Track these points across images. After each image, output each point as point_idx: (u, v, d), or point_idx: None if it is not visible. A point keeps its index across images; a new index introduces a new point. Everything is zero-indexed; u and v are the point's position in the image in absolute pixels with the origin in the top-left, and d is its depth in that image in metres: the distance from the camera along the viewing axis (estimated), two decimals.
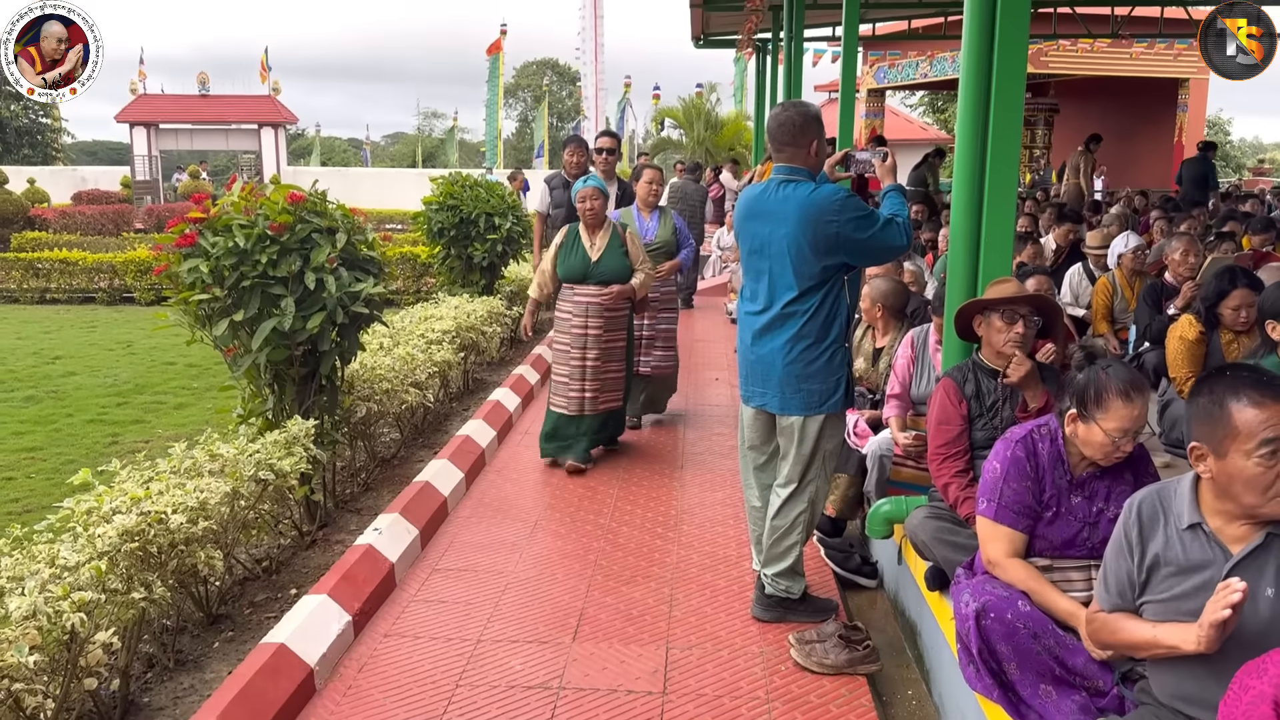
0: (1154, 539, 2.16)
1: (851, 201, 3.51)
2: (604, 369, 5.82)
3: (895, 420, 4.34)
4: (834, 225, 3.48)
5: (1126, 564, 2.20)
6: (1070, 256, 8.21)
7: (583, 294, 5.76)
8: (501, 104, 37.38)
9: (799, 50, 11.28)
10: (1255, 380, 2.04)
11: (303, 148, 51.83)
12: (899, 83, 22.99)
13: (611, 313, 5.82)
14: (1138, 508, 2.21)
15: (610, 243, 5.76)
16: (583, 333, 5.75)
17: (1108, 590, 2.27)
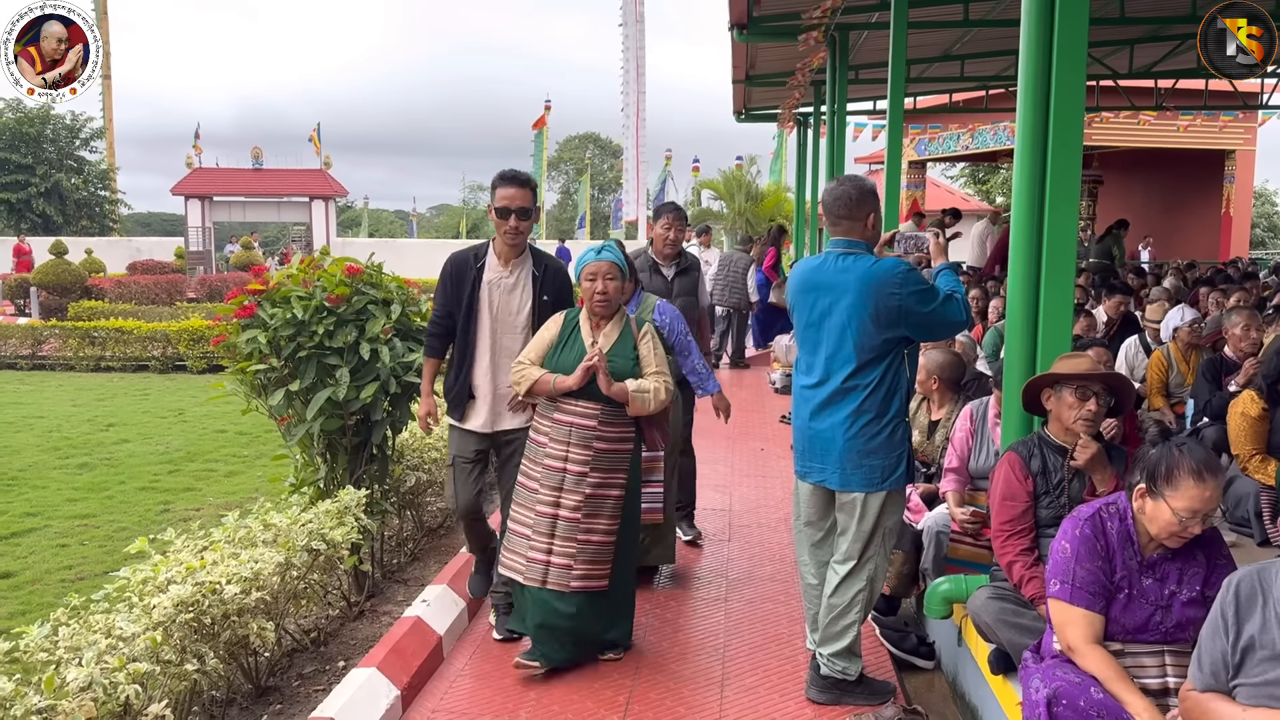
0: (1251, 619, 2.08)
1: (913, 275, 3.51)
2: (585, 526, 3.96)
3: (953, 495, 4.25)
4: (896, 298, 3.47)
5: (1221, 643, 2.12)
6: (1122, 328, 8.11)
7: (570, 411, 3.97)
8: (545, 177, 38.07)
9: (842, 123, 11.39)
10: None
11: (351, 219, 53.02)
12: (940, 155, 23.12)
13: (607, 443, 3.99)
14: (1236, 586, 2.13)
15: (620, 341, 4.04)
16: (560, 468, 3.96)
17: (1201, 669, 2.19)
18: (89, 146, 41.91)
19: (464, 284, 4.23)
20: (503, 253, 4.26)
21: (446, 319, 4.28)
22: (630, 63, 35.50)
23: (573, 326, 4.08)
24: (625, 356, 4.00)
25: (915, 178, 23.17)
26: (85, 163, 41.68)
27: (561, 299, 4.30)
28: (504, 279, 4.24)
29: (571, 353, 3.98)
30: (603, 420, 3.96)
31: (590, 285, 4.05)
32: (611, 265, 4.03)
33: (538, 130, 38.20)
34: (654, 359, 4.03)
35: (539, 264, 4.31)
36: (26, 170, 38.72)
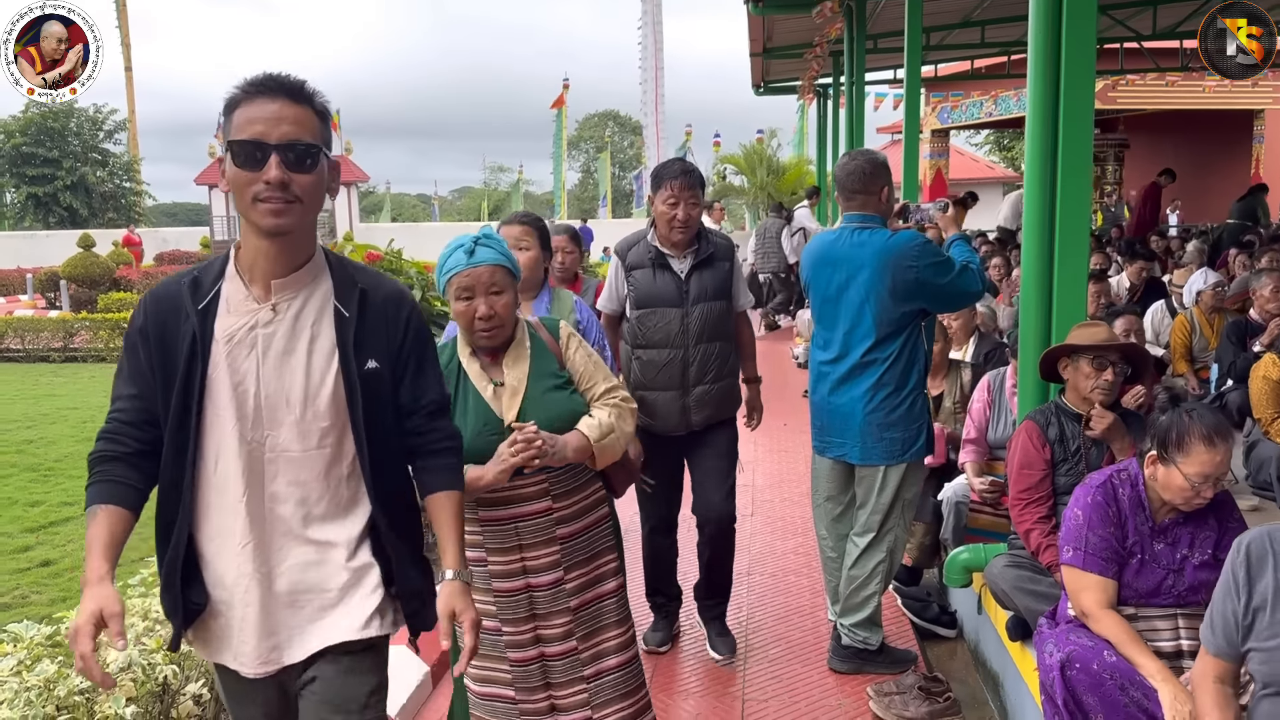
0: (1262, 579, 2.10)
1: (930, 247, 3.55)
2: (591, 652, 2.75)
3: (971, 466, 4.27)
4: (914, 270, 3.50)
5: (1233, 604, 2.13)
6: (1147, 293, 8.06)
7: (504, 501, 2.64)
8: (565, 156, 38.05)
9: (861, 94, 11.31)
10: None
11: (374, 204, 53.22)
12: (963, 123, 22.86)
13: (574, 522, 2.72)
14: (1247, 547, 2.14)
15: (537, 368, 2.68)
16: (521, 587, 2.67)
17: (1213, 632, 2.21)
18: (112, 139, 42.29)
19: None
20: None
21: None
22: (648, 39, 35.35)
23: (455, 372, 2.63)
24: (554, 388, 2.64)
25: (938, 146, 22.93)
26: (110, 155, 42.07)
27: None
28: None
29: (468, 414, 2.57)
30: (558, 495, 2.63)
31: (465, 307, 2.55)
32: (494, 271, 2.55)
33: (557, 110, 38.13)
34: (593, 368, 2.74)
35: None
36: (52, 164, 39.14)
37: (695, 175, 3.72)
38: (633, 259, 3.82)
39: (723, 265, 3.82)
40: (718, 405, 3.84)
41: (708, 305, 3.75)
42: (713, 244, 3.82)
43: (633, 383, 3.80)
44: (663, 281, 3.76)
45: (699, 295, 3.74)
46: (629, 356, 3.87)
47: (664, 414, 3.78)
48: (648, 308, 3.77)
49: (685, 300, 3.74)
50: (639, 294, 3.79)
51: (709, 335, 3.75)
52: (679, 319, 3.75)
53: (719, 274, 3.79)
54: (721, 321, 3.80)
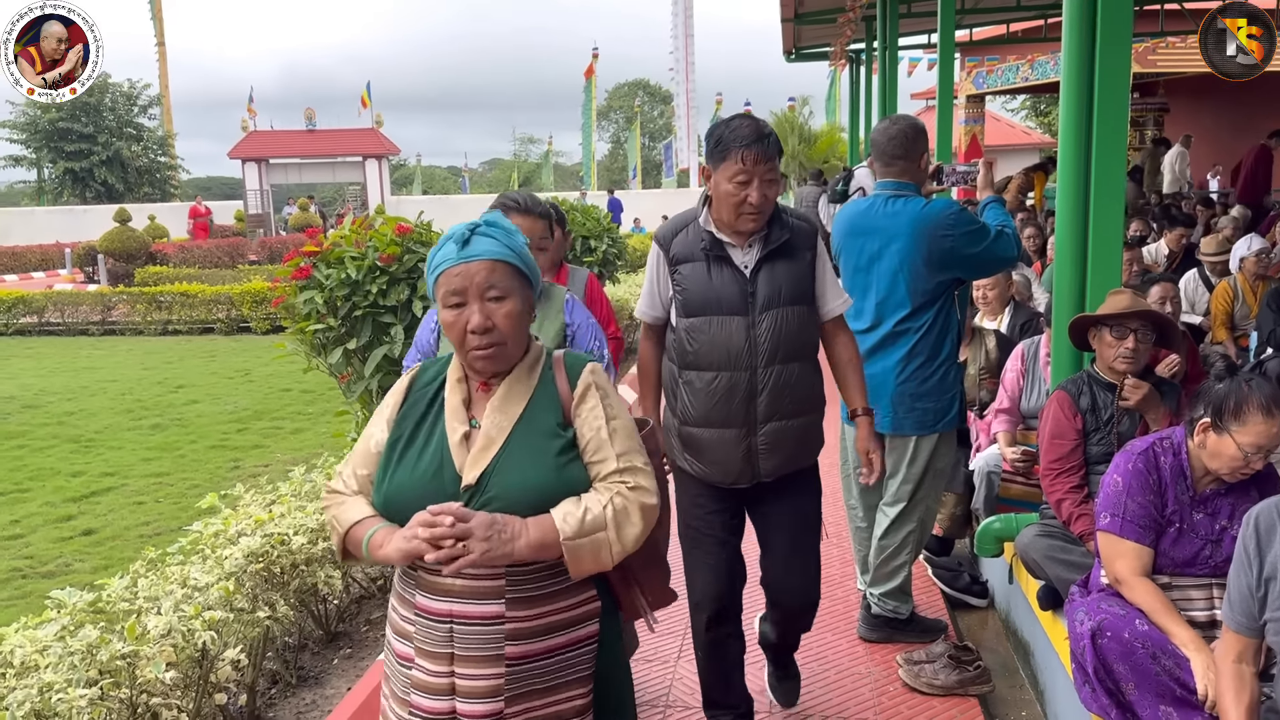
0: (1271, 550, 2.09)
1: (965, 215, 3.50)
2: None
3: (1004, 435, 4.24)
4: (949, 240, 3.45)
5: (1246, 578, 2.12)
6: (1185, 261, 7.92)
7: (444, 590, 1.86)
8: (594, 127, 37.89)
9: (894, 60, 11.16)
10: None
11: (405, 177, 53.40)
12: (999, 88, 22.47)
13: (531, 639, 1.87)
14: (1256, 519, 2.14)
15: (530, 419, 1.92)
16: (446, 711, 1.87)
17: (1232, 609, 2.20)
18: (146, 114, 42.63)
19: None
20: None
21: None
22: (678, 5, 35.01)
23: (430, 396, 1.98)
24: (545, 448, 1.88)
25: (974, 112, 22.53)
26: (144, 130, 42.42)
27: None
28: None
29: (421, 460, 1.89)
30: (516, 600, 1.85)
31: (454, 317, 1.88)
32: (493, 268, 1.87)
33: (586, 79, 37.95)
34: (606, 437, 1.92)
35: None
36: (88, 139, 39.54)
37: (773, 142, 2.73)
38: (680, 249, 2.88)
39: (803, 256, 2.87)
40: (795, 449, 2.93)
41: (782, 311, 2.82)
42: (788, 226, 2.84)
43: (679, 415, 2.94)
44: (721, 280, 2.82)
45: (770, 298, 2.82)
46: (673, 379, 2.95)
47: (721, 459, 2.88)
48: (700, 315, 2.83)
49: (751, 305, 2.81)
50: (689, 296, 2.86)
51: (785, 353, 2.83)
52: (743, 331, 2.80)
53: (798, 268, 2.86)
54: (802, 333, 2.87)
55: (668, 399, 3.02)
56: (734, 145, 2.71)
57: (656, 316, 3.00)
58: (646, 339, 3.06)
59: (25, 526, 5.99)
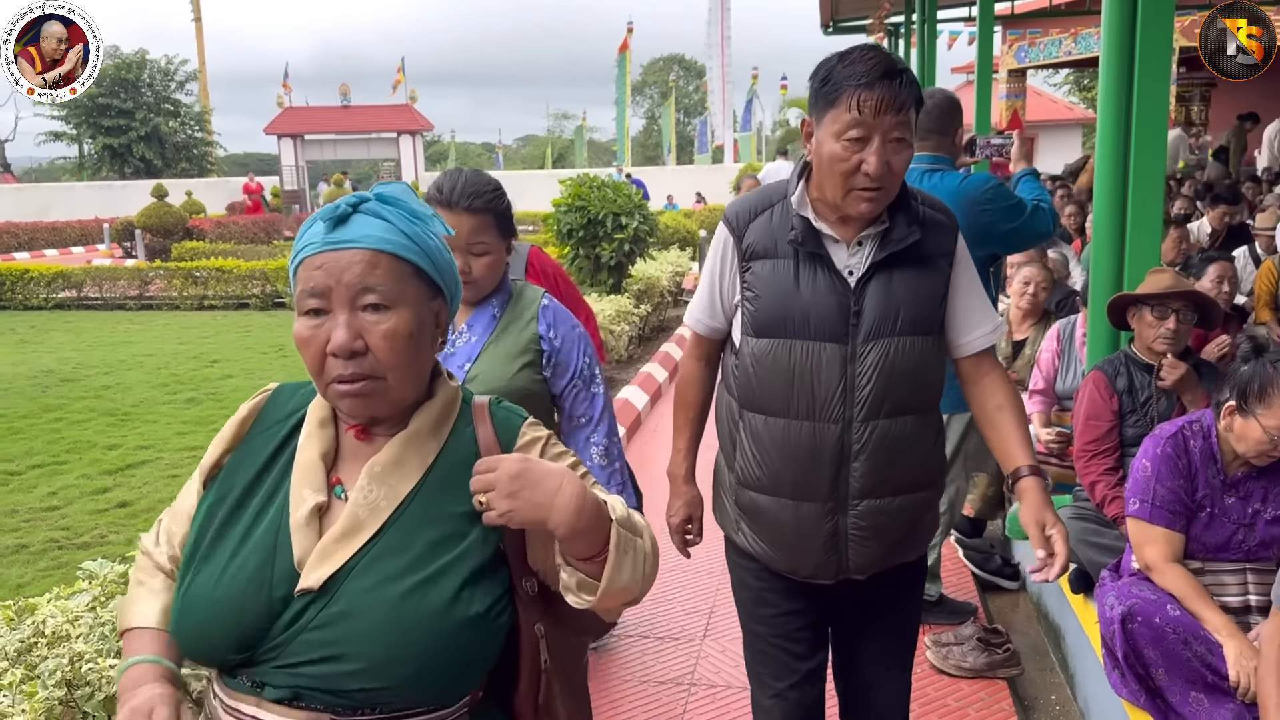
0: None
1: (1003, 189, 3.42)
2: None
3: (1038, 416, 4.18)
4: (988, 214, 3.36)
5: None
6: (1229, 239, 7.74)
7: None
8: (629, 102, 37.71)
9: (933, 33, 10.98)
10: None
11: (439, 153, 53.53)
12: (1041, 62, 22.07)
13: None
14: None
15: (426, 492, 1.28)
16: None
17: None
18: (184, 89, 43.02)
19: None
20: None
21: None
22: None
23: (280, 440, 1.36)
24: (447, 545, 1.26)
25: (1015, 87, 22.14)
26: (181, 105, 42.83)
27: None
28: None
29: (243, 546, 1.28)
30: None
31: (310, 331, 1.26)
32: (374, 261, 1.26)
33: (621, 55, 37.73)
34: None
35: None
36: (127, 115, 39.98)
37: (907, 85, 1.90)
38: (758, 237, 2.05)
39: (938, 264, 2.05)
40: (901, 538, 2.13)
41: (899, 342, 2.00)
42: (920, 219, 2.03)
43: (737, 472, 2.14)
44: (813, 288, 2.00)
45: (882, 321, 1.99)
46: (732, 421, 2.16)
47: (793, 543, 2.11)
48: (776, 336, 2.02)
49: (854, 329, 1.99)
50: (762, 307, 2.03)
51: (896, 402, 2.02)
52: (837, 365, 1.99)
53: (929, 280, 2.04)
54: (922, 373, 2.04)
55: (724, 448, 2.21)
56: (848, 85, 1.85)
57: (714, 328, 2.17)
58: (694, 357, 2.24)
59: (62, 499, 6.09)
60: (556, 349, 2.33)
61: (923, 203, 2.08)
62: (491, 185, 2.31)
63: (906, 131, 1.91)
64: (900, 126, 1.88)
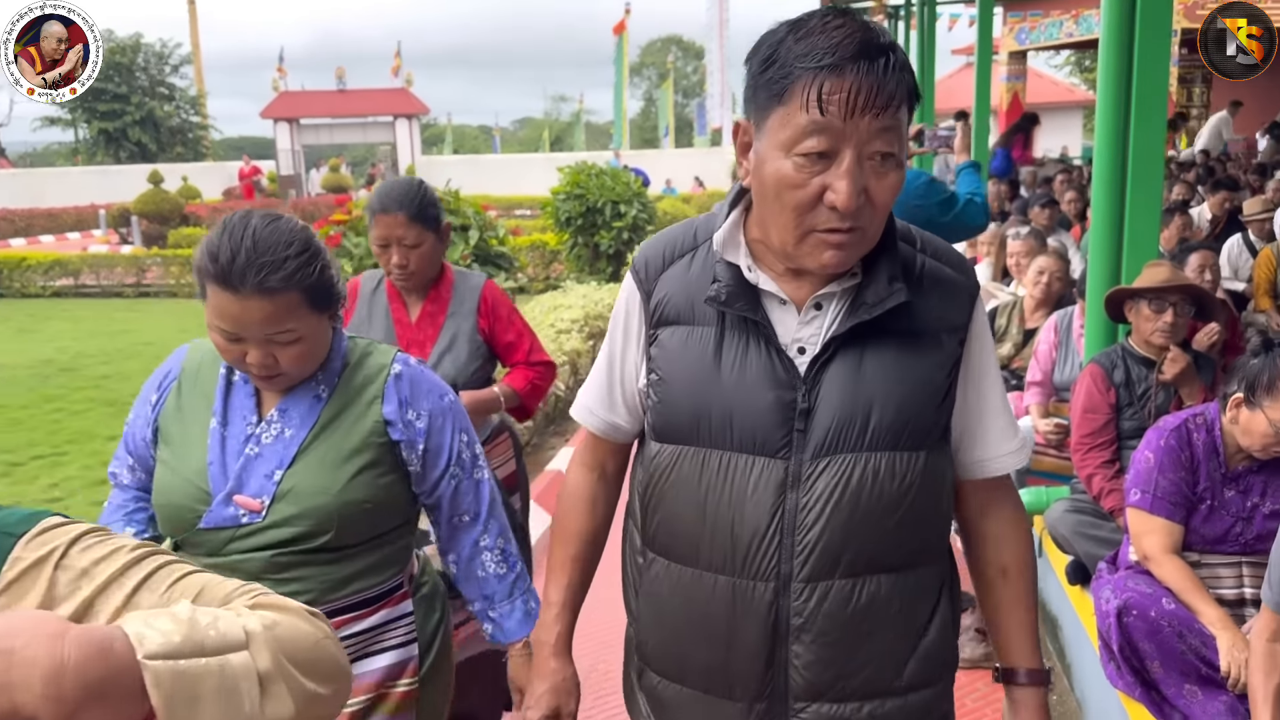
0: None
1: (936, 185, 3.60)
2: None
3: (1036, 408, 4.18)
4: (923, 210, 3.52)
5: None
6: (1229, 226, 7.74)
7: None
8: (626, 84, 37.57)
9: (932, 15, 10.95)
10: None
11: (435, 136, 53.39)
12: (1042, 43, 21.99)
13: None
14: None
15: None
16: None
17: (1270, 586, 2.17)
18: (178, 73, 42.84)
19: None
20: None
21: None
22: None
23: None
24: None
25: (1016, 69, 22.08)
26: (175, 89, 42.64)
27: None
28: None
29: None
30: None
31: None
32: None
33: (618, 36, 37.54)
34: None
35: None
36: (121, 99, 39.80)
37: (898, 71, 1.23)
38: (671, 294, 1.43)
39: (939, 341, 1.39)
40: None
41: (869, 460, 1.34)
42: (915, 270, 1.40)
43: (639, 644, 1.55)
44: (740, 370, 1.36)
45: (843, 424, 1.34)
46: (635, 564, 1.54)
47: None
48: (683, 444, 1.41)
49: (798, 436, 1.34)
50: (666, 397, 1.42)
51: (858, 552, 1.36)
52: (772, 490, 1.35)
53: (923, 365, 1.38)
54: (908, 509, 1.36)
55: (626, 600, 1.57)
56: (803, 69, 1.21)
57: (613, 426, 1.54)
58: (583, 465, 1.61)
59: (64, 490, 6.10)
60: (419, 433, 1.76)
61: (923, 249, 1.41)
62: (295, 247, 1.59)
63: (894, 141, 1.24)
64: (886, 134, 1.23)
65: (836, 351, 1.34)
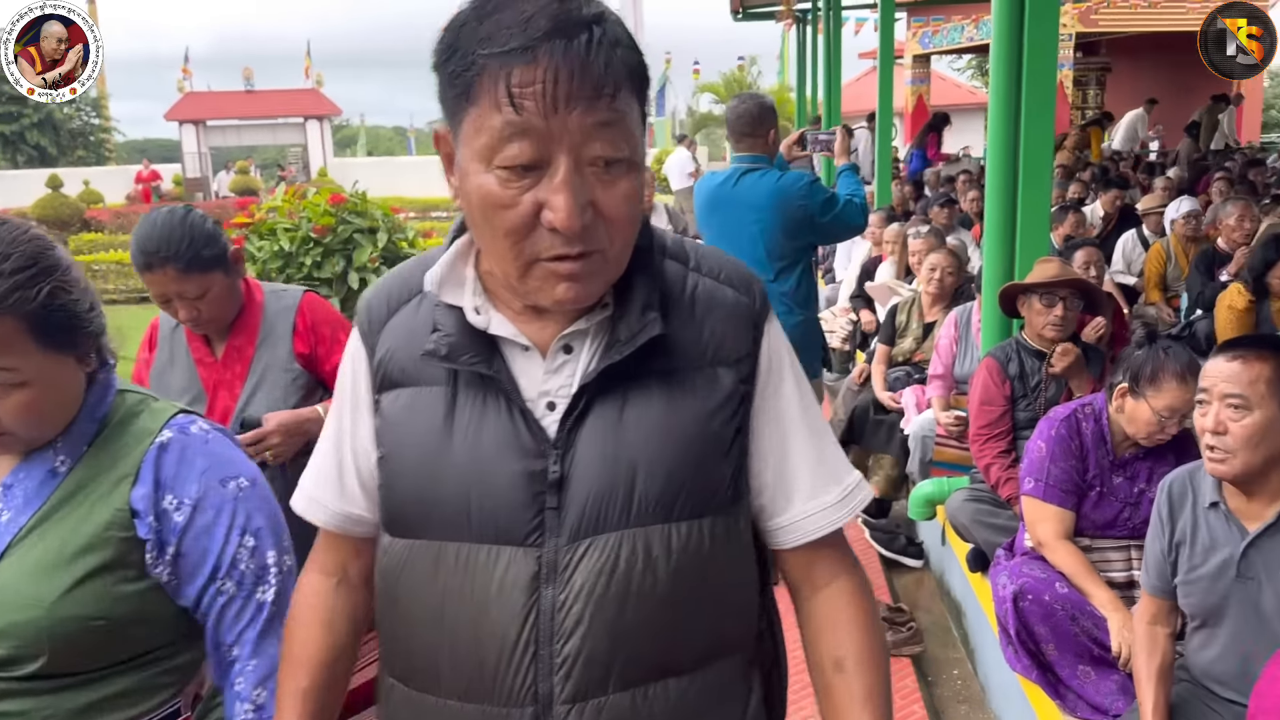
0: (1181, 517, 2.17)
1: (817, 185, 3.84)
2: None
3: (938, 400, 4.30)
4: (805, 209, 3.76)
5: (1160, 544, 2.20)
6: (1121, 222, 8.05)
7: None
8: None
9: (837, 20, 11.15)
10: None
11: (348, 138, 52.44)
12: (944, 47, 22.57)
13: None
14: (1169, 486, 2.22)
15: None
16: None
17: (1148, 572, 2.28)
18: None
19: None
20: None
21: None
22: None
23: None
24: None
25: (920, 73, 22.64)
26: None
27: None
28: None
29: None
30: None
31: None
32: None
33: None
34: None
35: None
36: (18, 101, 38.03)
37: (609, 48, 0.97)
38: (396, 347, 1.14)
39: (719, 378, 1.11)
40: None
41: (637, 538, 1.06)
42: (683, 285, 1.14)
43: None
44: (475, 439, 1.08)
45: (604, 494, 1.06)
46: (382, 693, 1.21)
47: None
48: (413, 536, 1.11)
49: (550, 516, 1.06)
50: (391, 477, 1.13)
51: (633, 658, 1.07)
52: (522, 588, 1.06)
53: (703, 405, 1.10)
54: (699, 597, 1.09)
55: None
56: (488, 57, 0.97)
57: (344, 517, 1.22)
58: (317, 569, 1.26)
59: None
60: (173, 530, 1.33)
61: (697, 266, 1.15)
62: (12, 261, 1.26)
63: (620, 139, 0.99)
64: (606, 131, 0.98)
65: (591, 403, 1.06)
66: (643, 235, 1.09)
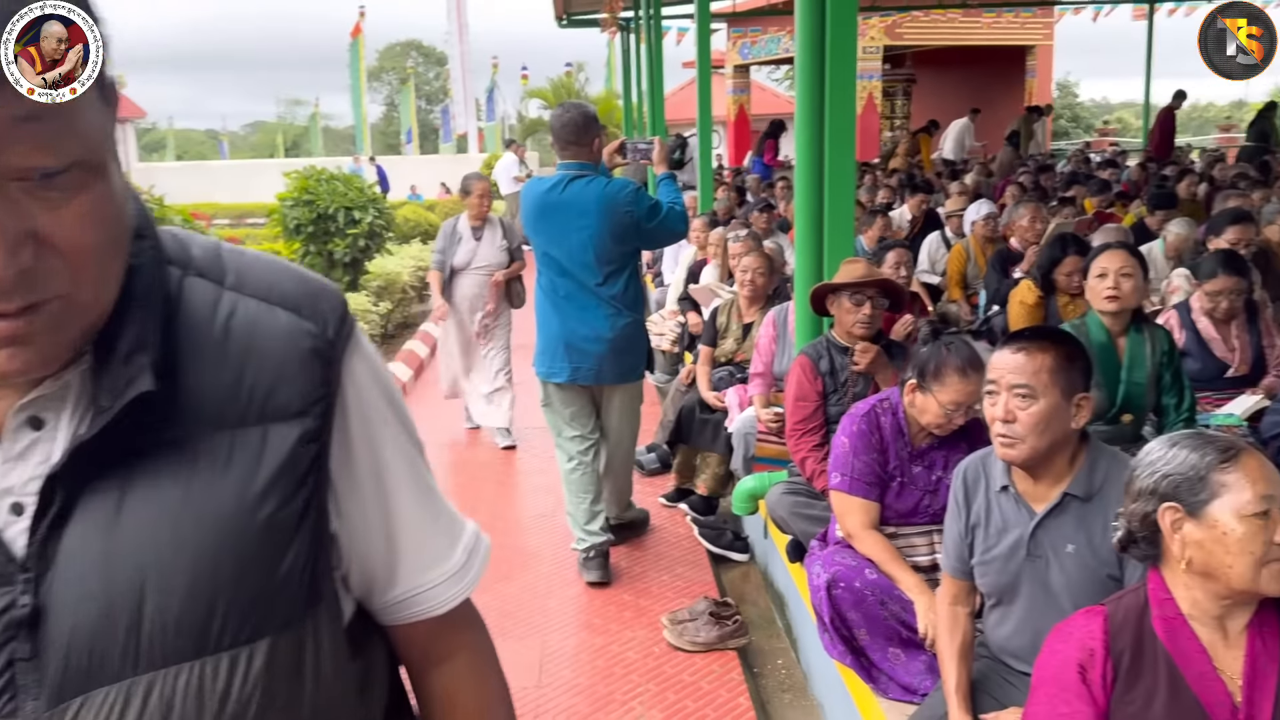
0: (975, 501, 2.29)
1: (642, 193, 3.97)
2: None
3: (759, 398, 4.43)
4: (631, 215, 3.89)
5: (957, 527, 2.31)
6: (926, 225, 8.51)
7: None
8: (365, 89, 36.42)
9: (658, 29, 11.33)
10: None
11: (155, 142, 49.57)
12: (763, 58, 23.30)
13: None
14: (963, 472, 2.33)
15: None
16: None
17: (948, 555, 2.39)
18: None
19: None
20: None
21: None
22: None
23: None
24: None
25: (740, 82, 23.29)
26: None
27: None
28: None
29: None
30: None
31: None
32: None
33: (353, 39, 36.33)
34: None
35: None
36: None
37: None
38: None
39: (270, 436, 0.81)
40: None
41: (154, 687, 0.75)
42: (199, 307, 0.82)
43: None
44: None
45: (99, 633, 0.74)
46: None
47: None
48: None
49: (23, 668, 0.73)
50: None
51: None
52: None
53: (238, 476, 0.79)
54: None
55: None
56: None
57: None
58: None
59: None
60: None
61: (236, 285, 0.85)
62: None
63: (64, 134, 0.77)
64: (29, 127, 0.78)
65: (74, 500, 0.75)
66: (139, 251, 0.79)
